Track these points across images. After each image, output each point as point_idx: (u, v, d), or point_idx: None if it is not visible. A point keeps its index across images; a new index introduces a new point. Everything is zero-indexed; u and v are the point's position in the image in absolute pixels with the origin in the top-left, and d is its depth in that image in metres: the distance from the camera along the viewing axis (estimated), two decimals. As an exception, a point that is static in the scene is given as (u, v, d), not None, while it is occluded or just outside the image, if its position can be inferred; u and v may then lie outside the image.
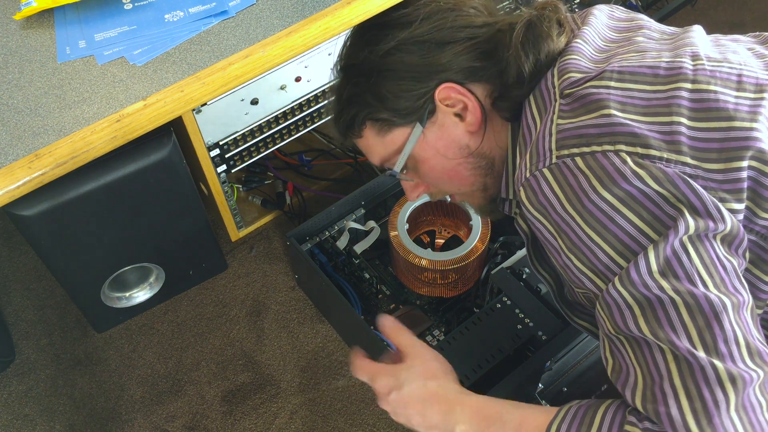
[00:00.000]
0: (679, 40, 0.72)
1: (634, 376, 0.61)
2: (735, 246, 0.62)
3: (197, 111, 1.12)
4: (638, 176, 0.60)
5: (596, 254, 0.62)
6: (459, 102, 0.76)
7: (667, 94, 0.64)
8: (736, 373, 0.55)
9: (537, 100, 0.71)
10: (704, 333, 0.57)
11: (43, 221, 1.03)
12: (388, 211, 1.25)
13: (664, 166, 0.61)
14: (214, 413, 1.21)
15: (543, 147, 0.65)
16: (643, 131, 0.62)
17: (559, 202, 0.63)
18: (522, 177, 0.67)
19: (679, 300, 0.58)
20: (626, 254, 0.61)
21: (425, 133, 0.78)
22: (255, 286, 1.37)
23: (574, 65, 0.69)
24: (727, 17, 1.84)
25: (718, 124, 0.63)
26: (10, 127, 1.01)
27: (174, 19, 1.14)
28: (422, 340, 1.16)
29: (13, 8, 1.17)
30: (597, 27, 0.76)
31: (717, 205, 0.61)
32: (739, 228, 0.62)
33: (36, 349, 1.31)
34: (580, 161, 0.62)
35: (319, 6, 1.15)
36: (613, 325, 0.62)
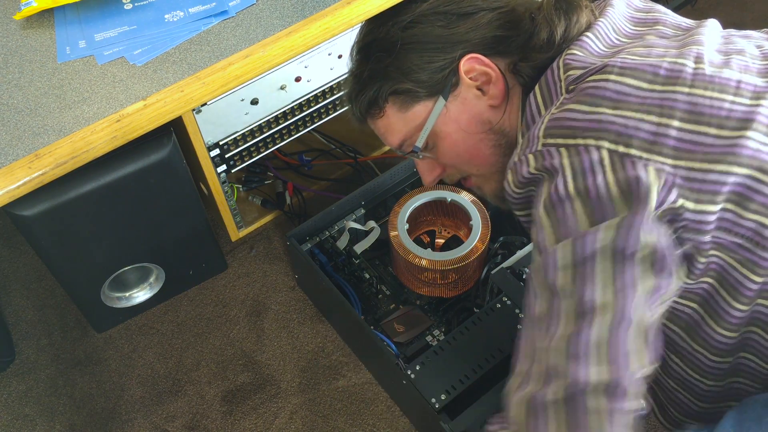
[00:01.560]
0: (689, 37, 0.73)
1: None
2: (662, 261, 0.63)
3: (197, 111, 1.12)
4: (604, 173, 0.63)
5: (544, 233, 0.66)
6: (482, 75, 0.76)
7: (663, 95, 0.65)
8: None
9: (543, 91, 0.72)
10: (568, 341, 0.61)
11: (43, 221, 1.03)
12: (388, 211, 1.25)
13: (641, 164, 0.62)
14: (214, 413, 1.21)
15: (533, 133, 0.68)
16: (629, 130, 0.63)
17: (534, 177, 0.67)
18: (512, 162, 0.70)
19: (564, 301, 0.62)
20: (560, 238, 0.64)
21: (448, 107, 0.78)
22: (255, 286, 1.37)
23: (577, 60, 0.70)
24: (727, 17, 1.84)
25: (707, 129, 0.64)
26: (10, 127, 1.01)
27: (174, 19, 1.14)
28: (422, 341, 1.17)
29: (13, 8, 1.17)
30: (613, 18, 0.76)
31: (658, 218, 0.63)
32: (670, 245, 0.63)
33: (36, 349, 1.31)
34: (564, 153, 0.64)
35: (319, 6, 1.15)
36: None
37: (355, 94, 0.83)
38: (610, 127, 0.64)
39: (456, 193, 1.23)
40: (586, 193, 0.63)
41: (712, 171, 0.64)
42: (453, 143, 0.82)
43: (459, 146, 0.82)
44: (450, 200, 1.23)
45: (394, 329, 1.19)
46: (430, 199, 1.23)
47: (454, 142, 0.82)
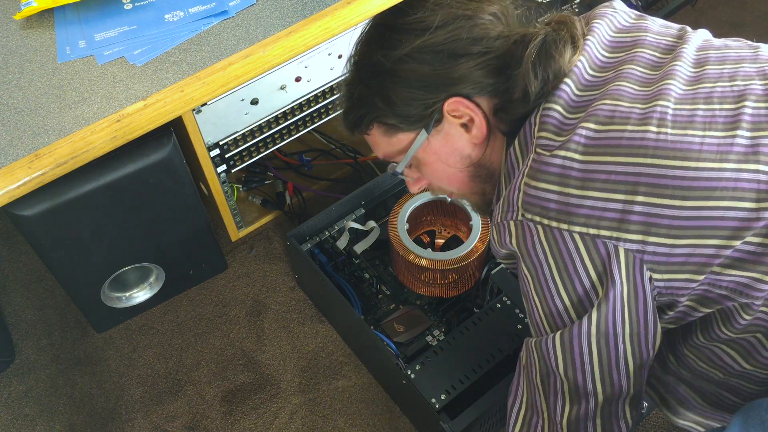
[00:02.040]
0: (659, 84, 0.72)
1: (519, 402, 0.78)
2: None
3: (197, 111, 1.12)
4: (581, 258, 0.67)
5: (534, 308, 0.73)
6: (466, 115, 0.77)
7: (627, 168, 0.66)
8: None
9: (520, 141, 0.74)
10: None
11: (43, 221, 1.03)
12: (388, 211, 1.25)
13: (612, 245, 0.66)
14: (214, 413, 1.21)
15: (512, 200, 0.71)
16: (596, 212, 0.66)
17: (519, 252, 0.72)
18: (495, 218, 0.74)
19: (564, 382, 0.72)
20: (552, 323, 0.72)
21: (430, 139, 0.80)
22: (255, 286, 1.37)
23: (551, 123, 0.71)
24: (727, 17, 1.84)
25: (671, 201, 0.65)
26: (10, 127, 1.01)
27: (174, 19, 1.14)
28: (422, 341, 1.17)
29: (13, 8, 1.17)
30: (591, 50, 0.77)
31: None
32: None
33: (36, 349, 1.31)
34: (541, 232, 0.69)
35: (319, 6, 1.15)
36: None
37: (345, 110, 0.84)
38: (579, 211, 0.66)
39: (456, 193, 1.23)
40: (566, 270, 0.68)
41: (680, 246, 0.66)
42: (433, 171, 0.85)
43: (439, 174, 0.85)
44: (450, 200, 1.23)
45: (394, 329, 1.19)
46: (430, 199, 1.23)
47: (434, 170, 0.84)
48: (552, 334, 0.71)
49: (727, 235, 0.65)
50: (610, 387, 0.70)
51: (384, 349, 1.09)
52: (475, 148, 0.80)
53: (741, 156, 0.66)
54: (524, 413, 0.77)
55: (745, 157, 0.66)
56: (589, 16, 0.82)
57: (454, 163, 0.82)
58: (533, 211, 0.69)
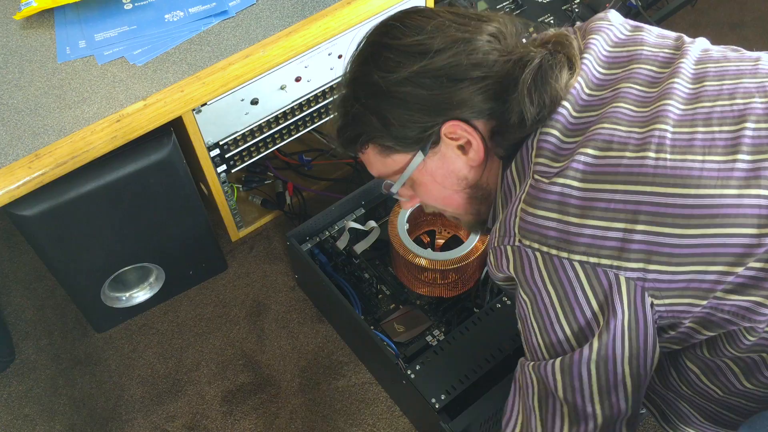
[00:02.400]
0: (658, 102, 0.71)
1: (514, 422, 0.77)
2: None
3: (197, 111, 1.12)
4: (582, 287, 0.67)
5: (532, 334, 0.73)
6: (463, 137, 0.76)
7: (626, 196, 0.66)
8: None
9: (517, 165, 0.74)
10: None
11: (43, 221, 1.03)
12: (388, 211, 1.25)
13: (612, 273, 0.66)
14: (214, 413, 1.21)
15: (509, 225, 0.71)
16: (597, 240, 0.66)
17: (517, 278, 0.72)
18: (491, 242, 0.74)
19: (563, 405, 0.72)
20: (552, 350, 0.72)
21: (426, 161, 0.79)
22: (255, 286, 1.37)
23: (548, 149, 0.71)
24: (727, 17, 1.84)
25: (671, 230, 0.65)
26: (10, 127, 1.01)
27: (174, 19, 1.14)
28: (422, 341, 1.17)
29: (13, 8, 1.17)
30: (589, 68, 0.76)
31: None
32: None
33: (36, 349, 1.31)
34: (540, 259, 0.68)
35: (319, 6, 1.15)
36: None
37: (339, 127, 0.83)
38: (579, 240, 0.66)
39: (456, 193, 1.23)
40: (568, 301, 0.68)
41: (681, 272, 0.65)
42: (428, 192, 0.84)
43: (434, 195, 0.85)
44: (449, 202, 1.23)
45: (394, 329, 1.19)
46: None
47: (430, 191, 0.84)
48: (551, 359, 0.70)
49: (730, 261, 0.65)
50: (609, 409, 0.70)
51: (384, 349, 1.09)
52: (472, 170, 0.80)
53: (742, 181, 0.65)
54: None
55: (746, 182, 0.65)
56: (585, 30, 0.81)
57: (450, 185, 0.82)
58: (531, 238, 0.69)
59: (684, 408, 0.84)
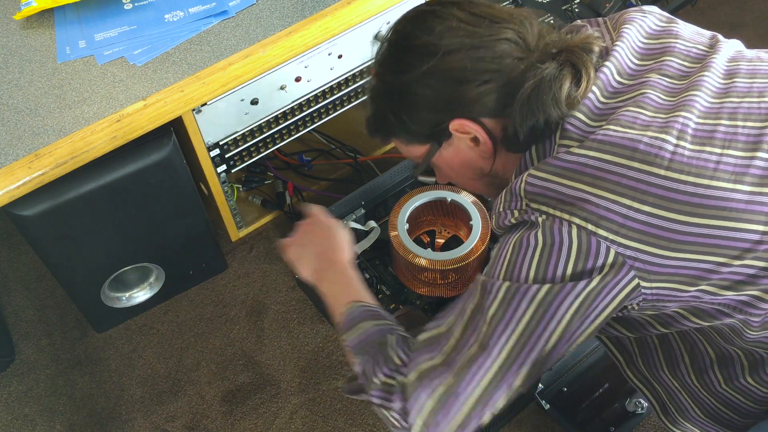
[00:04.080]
0: (684, 94, 0.72)
1: (442, 321, 0.76)
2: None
3: (197, 111, 1.12)
4: (569, 248, 0.67)
5: (500, 261, 0.73)
6: (471, 132, 0.78)
7: (639, 175, 0.66)
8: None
9: (539, 149, 0.75)
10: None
11: (43, 221, 1.03)
12: (388, 211, 1.25)
13: (605, 245, 0.66)
14: (214, 413, 1.21)
15: (515, 189, 0.72)
16: (600, 210, 0.66)
17: (510, 236, 0.73)
18: (496, 207, 0.76)
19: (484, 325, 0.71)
20: (507, 278, 0.71)
21: (442, 151, 0.83)
22: (255, 286, 1.37)
23: (574, 131, 0.72)
24: (727, 17, 1.84)
25: (678, 216, 0.65)
26: (10, 127, 1.01)
27: (174, 19, 1.14)
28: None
29: (13, 8, 1.17)
30: (620, 56, 0.76)
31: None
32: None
33: (36, 349, 1.31)
34: (541, 219, 0.69)
35: (319, 6, 1.15)
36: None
37: (367, 117, 0.87)
38: (584, 206, 0.67)
39: (456, 193, 1.23)
40: (548, 254, 0.68)
41: (674, 258, 0.66)
42: (449, 176, 0.90)
43: (454, 179, 0.90)
44: (450, 200, 1.23)
45: (394, 329, 1.19)
46: (430, 199, 1.23)
47: (450, 176, 0.89)
48: (501, 281, 0.71)
49: (731, 255, 0.65)
50: (515, 354, 0.69)
51: (384, 349, 1.09)
52: (484, 160, 0.82)
53: (757, 179, 0.66)
54: (440, 331, 0.75)
55: (761, 180, 0.65)
56: (618, 21, 0.81)
57: (466, 173, 0.86)
58: (539, 201, 0.69)
59: (685, 401, 0.84)
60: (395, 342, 0.76)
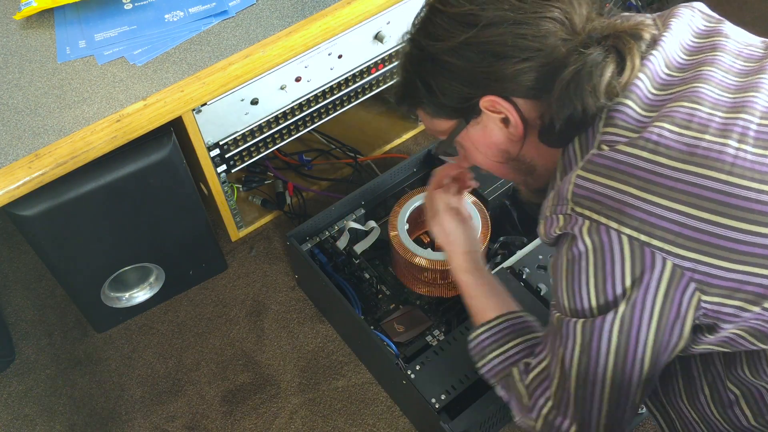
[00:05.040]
0: (742, 93, 0.68)
1: (542, 357, 0.77)
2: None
3: (197, 111, 1.12)
4: (622, 261, 0.65)
5: (560, 291, 0.72)
6: (502, 112, 0.75)
7: (696, 179, 0.62)
8: None
9: (582, 139, 0.71)
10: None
11: (43, 221, 1.03)
12: (388, 211, 1.25)
13: (660, 256, 0.63)
14: (214, 413, 1.21)
15: (563, 192, 0.69)
16: (652, 218, 0.63)
17: (562, 238, 0.71)
18: (543, 212, 0.73)
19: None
20: (574, 313, 0.71)
21: (468, 129, 0.80)
22: (255, 286, 1.37)
23: (622, 119, 0.68)
24: (727, 17, 1.83)
25: (739, 224, 0.61)
26: (10, 127, 1.01)
27: (174, 19, 1.14)
28: (422, 341, 1.17)
29: (13, 8, 1.17)
30: (668, 47, 0.73)
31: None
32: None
33: (36, 349, 1.31)
34: (586, 227, 0.66)
35: (319, 6, 1.15)
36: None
37: (395, 84, 0.83)
38: (634, 213, 0.63)
39: (456, 193, 1.23)
40: (603, 273, 0.66)
41: (736, 271, 0.62)
42: (473, 157, 0.85)
43: (478, 161, 0.85)
44: (450, 200, 1.23)
45: (394, 329, 1.19)
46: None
47: (474, 157, 0.85)
48: (574, 319, 0.70)
49: None
50: (618, 387, 0.69)
51: (384, 349, 1.09)
52: (513, 144, 0.79)
53: None
54: (542, 367, 0.76)
55: None
56: (666, 16, 0.78)
57: (492, 156, 0.82)
58: (584, 205, 0.66)
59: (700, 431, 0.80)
60: (519, 377, 0.79)
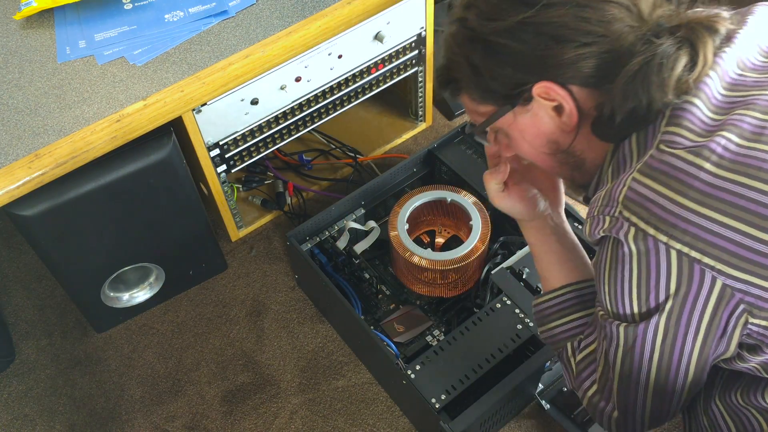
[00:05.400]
0: None
1: (590, 341, 0.77)
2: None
3: (197, 111, 1.12)
4: (668, 275, 0.62)
5: (603, 293, 0.70)
6: (556, 100, 0.70)
7: (761, 197, 0.58)
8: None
9: (640, 136, 0.67)
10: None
11: (43, 221, 1.03)
12: (388, 211, 1.25)
13: (711, 275, 0.60)
14: (214, 413, 1.21)
15: (614, 194, 0.65)
16: (708, 235, 0.59)
17: (607, 239, 0.67)
18: (591, 211, 0.69)
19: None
20: (615, 316, 0.70)
21: (516, 117, 0.74)
22: (255, 286, 1.37)
23: (687, 119, 0.64)
24: (727, 17, 1.84)
25: None
26: (10, 127, 1.01)
27: (174, 19, 1.14)
28: (422, 341, 1.17)
29: (13, 8, 1.17)
30: (743, 45, 0.68)
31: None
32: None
33: (36, 349, 1.31)
34: (632, 234, 0.63)
35: (319, 6, 1.15)
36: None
37: (438, 67, 0.78)
38: (687, 228, 0.59)
39: (456, 193, 1.23)
40: (646, 286, 0.64)
41: None
42: (517, 147, 0.79)
43: (523, 151, 0.79)
44: (450, 200, 1.23)
45: (394, 329, 1.19)
46: (430, 199, 1.23)
47: (519, 147, 0.79)
48: (617, 321, 0.68)
49: None
50: (661, 393, 0.69)
51: (384, 349, 1.09)
52: (564, 134, 0.73)
53: None
54: (590, 350, 0.76)
55: None
56: (744, 12, 0.73)
57: (539, 146, 0.76)
58: (633, 211, 0.62)
59: None
60: (571, 353, 0.79)
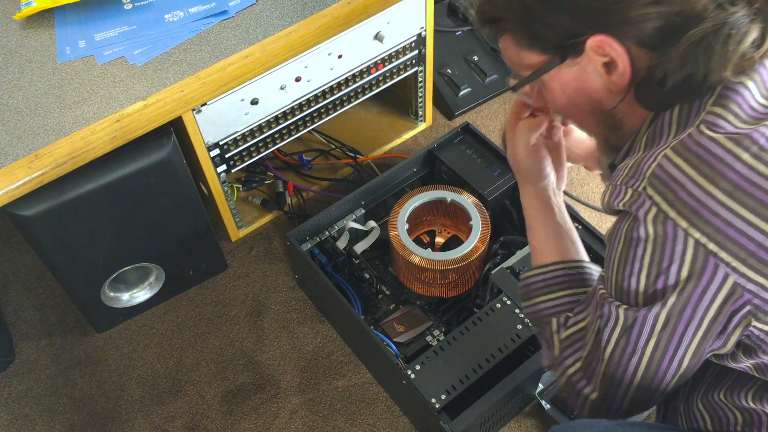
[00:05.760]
0: None
1: (580, 319, 0.74)
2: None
3: (197, 111, 1.12)
4: (681, 261, 0.59)
5: (610, 269, 0.68)
6: (610, 56, 0.65)
7: None
8: None
9: (683, 110, 0.64)
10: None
11: (43, 221, 1.03)
12: (388, 211, 1.25)
13: (724, 270, 0.58)
14: (214, 413, 1.21)
15: (642, 167, 0.62)
16: (730, 231, 0.57)
17: (625, 215, 0.65)
18: (614, 179, 0.66)
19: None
20: (618, 295, 0.67)
21: (561, 69, 0.69)
22: (255, 286, 1.37)
23: (736, 102, 0.60)
24: (727, 17, 1.84)
25: None
26: (10, 127, 1.01)
27: (174, 19, 1.14)
28: (422, 341, 1.17)
29: (13, 8, 1.17)
30: None
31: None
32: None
33: (36, 349, 1.31)
34: (652, 215, 0.60)
35: (319, 6, 1.15)
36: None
37: (480, 2, 0.72)
38: (710, 219, 0.57)
39: (456, 193, 1.23)
40: (658, 266, 0.61)
41: None
42: (555, 101, 0.75)
43: (560, 106, 0.76)
44: (450, 200, 1.23)
45: (394, 329, 1.19)
46: (430, 199, 1.23)
47: (557, 101, 0.75)
48: (617, 302, 0.66)
49: None
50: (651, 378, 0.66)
51: (384, 349, 1.09)
52: (610, 95, 0.69)
53: None
54: (578, 327, 0.73)
55: None
56: None
57: (580, 103, 0.72)
58: (658, 190, 0.60)
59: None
60: (556, 329, 0.76)
